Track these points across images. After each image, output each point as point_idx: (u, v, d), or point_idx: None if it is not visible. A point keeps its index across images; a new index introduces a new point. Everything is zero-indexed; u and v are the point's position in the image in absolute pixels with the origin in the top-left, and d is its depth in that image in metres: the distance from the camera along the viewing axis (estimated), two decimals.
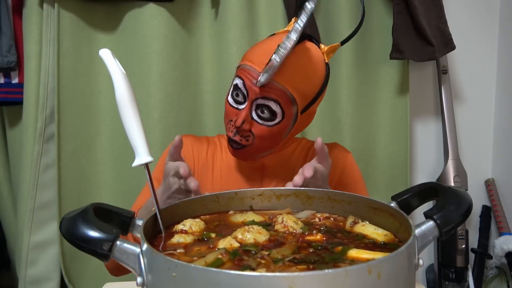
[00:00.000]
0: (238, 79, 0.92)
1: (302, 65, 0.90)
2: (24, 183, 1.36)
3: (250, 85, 0.89)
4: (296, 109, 0.91)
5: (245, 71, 0.91)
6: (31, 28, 1.33)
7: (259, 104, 0.89)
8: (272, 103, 0.88)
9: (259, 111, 0.90)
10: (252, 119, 0.91)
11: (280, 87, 0.88)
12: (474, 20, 1.69)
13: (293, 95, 0.89)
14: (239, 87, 0.91)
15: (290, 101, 0.89)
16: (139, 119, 0.61)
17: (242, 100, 0.91)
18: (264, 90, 0.88)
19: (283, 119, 0.90)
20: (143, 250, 0.49)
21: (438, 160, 1.72)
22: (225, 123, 0.96)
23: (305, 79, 0.90)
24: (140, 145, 0.60)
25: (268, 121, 0.90)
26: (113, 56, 0.61)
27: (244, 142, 0.92)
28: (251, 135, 0.91)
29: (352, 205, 0.66)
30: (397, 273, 0.45)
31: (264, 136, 0.91)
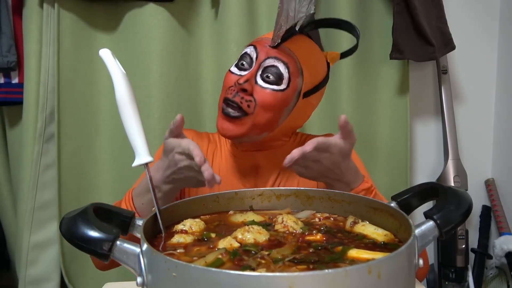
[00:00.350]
0: (248, 48, 0.91)
1: (311, 48, 0.93)
2: (24, 183, 1.36)
3: (262, 47, 0.88)
4: (301, 84, 0.89)
5: (258, 40, 0.92)
6: (31, 28, 1.33)
7: (267, 67, 0.87)
8: (281, 64, 0.86)
9: (265, 75, 0.87)
10: (256, 83, 0.87)
11: (291, 54, 0.88)
12: (474, 20, 1.68)
13: (302, 66, 0.88)
14: (248, 53, 0.90)
15: (298, 71, 0.88)
16: (139, 119, 0.61)
17: (248, 66, 0.89)
18: (277, 51, 0.87)
19: (288, 87, 0.87)
20: (143, 250, 0.49)
21: (438, 160, 1.72)
22: (221, 95, 0.91)
23: (313, 59, 0.92)
24: (140, 145, 0.60)
25: (274, 85, 0.86)
26: (113, 56, 0.61)
27: (244, 107, 0.86)
28: (252, 100, 0.86)
29: (352, 205, 0.66)
30: (397, 273, 0.45)
31: (267, 104, 0.86)
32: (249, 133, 0.89)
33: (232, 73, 0.90)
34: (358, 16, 1.50)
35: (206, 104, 1.47)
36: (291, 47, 0.89)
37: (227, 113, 0.87)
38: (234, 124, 0.87)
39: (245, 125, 0.87)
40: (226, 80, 0.91)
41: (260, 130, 0.89)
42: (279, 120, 0.89)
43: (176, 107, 1.40)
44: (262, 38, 0.93)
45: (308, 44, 0.94)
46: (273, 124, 0.89)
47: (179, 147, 0.73)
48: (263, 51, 0.88)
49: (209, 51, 1.45)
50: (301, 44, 0.91)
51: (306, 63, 0.90)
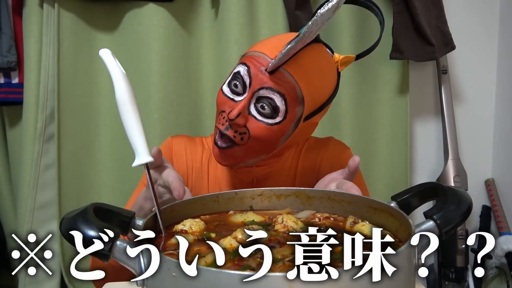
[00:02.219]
0: (241, 66, 0.81)
1: (318, 63, 0.82)
2: (24, 183, 1.36)
3: (256, 72, 0.78)
4: (301, 112, 0.81)
5: (253, 58, 0.80)
6: (31, 28, 1.33)
7: (261, 97, 0.78)
8: (277, 97, 0.78)
9: (259, 106, 0.79)
10: (249, 113, 0.79)
11: (291, 80, 0.78)
12: (474, 20, 1.68)
13: (303, 93, 0.79)
14: (241, 74, 0.80)
15: (298, 100, 0.79)
16: (139, 119, 0.61)
17: (241, 90, 0.80)
18: (272, 80, 0.78)
19: (285, 119, 0.80)
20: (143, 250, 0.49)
21: (438, 160, 1.71)
22: (216, 115, 0.85)
23: (319, 80, 0.82)
24: (140, 145, 0.60)
25: (268, 119, 0.79)
26: (113, 56, 0.61)
27: (238, 140, 0.80)
28: (247, 132, 0.80)
29: (352, 205, 0.66)
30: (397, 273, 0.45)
31: (261, 137, 0.80)
32: (244, 161, 0.85)
33: (224, 94, 0.82)
34: (358, 16, 1.50)
35: (206, 104, 1.47)
36: (292, 69, 0.78)
37: (218, 144, 0.83)
38: (226, 155, 0.83)
39: (237, 155, 0.83)
40: (218, 101, 0.83)
41: (255, 155, 0.84)
42: (276, 146, 0.84)
43: (176, 107, 1.40)
44: (259, 54, 0.81)
45: (315, 57, 0.82)
46: (269, 151, 0.85)
47: (160, 179, 0.70)
48: (257, 79, 0.78)
49: (209, 51, 1.45)
50: (306, 62, 0.80)
51: (309, 87, 0.80)
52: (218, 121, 0.83)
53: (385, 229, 0.60)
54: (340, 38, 1.49)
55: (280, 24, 1.42)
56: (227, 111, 0.80)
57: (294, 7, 1.40)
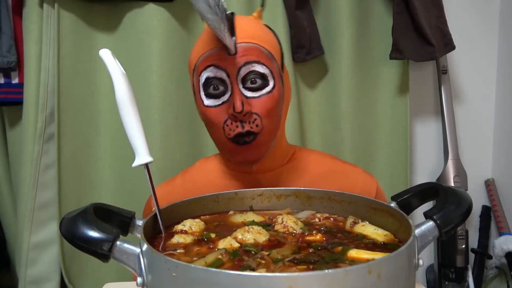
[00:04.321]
0: (205, 72, 0.78)
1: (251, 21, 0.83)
2: (24, 183, 1.36)
3: (224, 63, 0.77)
4: (277, 66, 0.81)
5: (208, 58, 0.78)
6: (31, 28, 1.32)
7: (245, 75, 0.77)
8: (257, 65, 0.77)
9: (248, 83, 0.78)
10: (247, 98, 0.78)
11: (253, 46, 0.78)
12: (474, 20, 1.68)
13: (267, 48, 0.80)
14: (212, 76, 0.78)
15: (268, 57, 0.79)
16: (139, 119, 0.61)
17: (223, 87, 0.78)
18: (242, 55, 0.77)
19: (274, 79, 0.79)
20: (143, 250, 0.49)
21: (438, 160, 1.72)
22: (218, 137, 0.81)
23: (264, 32, 0.82)
24: (140, 145, 0.60)
25: (264, 89, 0.78)
26: (113, 56, 0.61)
27: (255, 129, 0.77)
28: (257, 116, 0.78)
29: (352, 205, 0.66)
30: (397, 273, 0.45)
31: (269, 110, 0.78)
32: (267, 146, 0.81)
33: (211, 107, 0.79)
34: (358, 16, 1.50)
35: None
36: (245, 38, 0.78)
37: (244, 142, 0.78)
38: (255, 148, 0.79)
39: (264, 142, 0.80)
40: (212, 119, 0.79)
41: (274, 134, 0.82)
42: (281, 114, 0.83)
43: (176, 107, 1.40)
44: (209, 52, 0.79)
45: (247, 21, 0.83)
46: (279, 121, 0.83)
47: None
48: (230, 65, 0.77)
49: None
50: (245, 25, 0.81)
51: (266, 40, 0.81)
52: (230, 131, 0.78)
53: (385, 229, 0.60)
54: (340, 38, 1.49)
55: (280, 24, 1.42)
56: (228, 111, 0.77)
57: (294, 7, 1.40)
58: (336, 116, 1.53)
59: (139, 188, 1.37)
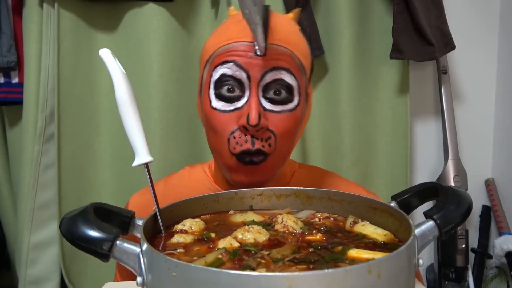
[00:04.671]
0: (223, 67, 0.66)
1: (288, 25, 0.72)
2: (24, 183, 1.36)
3: (249, 61, 0.65)
4: (306, 80, 0.70)
5: (230, 52, 0.66)
6: (31, 28, 1.32)
7: (269, 83, 0.66)
8: (286, 74, 0.65)
9: (271, 94, 0.66)
10: (264, 109, 0.66)
11: (286, 51, 0.67)
12: (474, 20, 1.68)
13: (300, 59, 0.68)
14: (229, 75, 0.66)
15: (300, 68, 0.68)
16: (139, 119, 0.61)
17: (240, 91, 0.66)
18: (271, 59, 0.65)
19: (300, 96, 0.68)
20: (143, 250, 0.49)
21: (438, 160, 1.72)
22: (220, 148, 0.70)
23: (300, 39, 0.72)
24: (140, 145, 0.60)
25: (287, 104, 0.66)
26: (113, 56, 0.61)
27: (267, 149, 0.66)
28: (271, 135, 0.66)
29: (352, 205, 0.66)
30: (397, 273, 0.45)
31: (288, 131, 0.67)
32: (275, 170, 0.71)
33: (220, 111, 0.67)
34: (358, 16, 1.50)
35: None
36: (278, 40, 0.67)
37: (250, 162, 0.67)
38: (260, 171, 0.68)
39: (271, 166, 0.69)
40: (216, 123, 0.67)
41: (284, 160, 0.71)
42: (298, 135, 0.73)
43: (176, 107, 1.40)
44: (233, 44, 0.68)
45: (282, 21, 0.71)
46: (293, 147, 0.72)
47: None
48: (254, 67, 0.65)
49: None
50: (282, 28, 0.69)
51: (300, 50, 0.70)
52: (236, 145, 0.67)
53: (385, 229, 0.60)
54: (340, 38, 1.49)
55: None
56: (240, 122, 0.65)
57: (294, 7, 1.40)
58: (336, 116, 1.53)
59: (139, 188, 1.36)
